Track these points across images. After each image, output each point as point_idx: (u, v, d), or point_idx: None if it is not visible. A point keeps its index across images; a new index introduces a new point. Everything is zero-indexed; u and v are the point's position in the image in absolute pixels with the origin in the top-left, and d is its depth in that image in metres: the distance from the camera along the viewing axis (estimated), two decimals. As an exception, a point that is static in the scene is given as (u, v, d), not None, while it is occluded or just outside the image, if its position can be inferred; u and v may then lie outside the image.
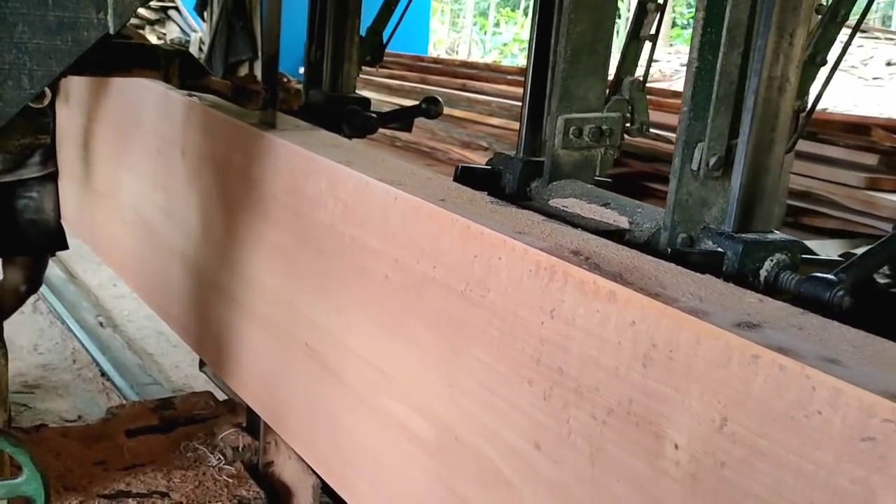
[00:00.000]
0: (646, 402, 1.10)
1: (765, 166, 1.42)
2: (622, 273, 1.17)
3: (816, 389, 0.92)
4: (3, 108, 1.30)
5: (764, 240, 1.41)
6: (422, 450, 1.50)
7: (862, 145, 5.18)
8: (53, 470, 2.08)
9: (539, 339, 1.24)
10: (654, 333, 1.08)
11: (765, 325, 1.03)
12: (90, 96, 2.93)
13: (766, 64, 1.36)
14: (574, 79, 1.70)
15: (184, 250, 2.31)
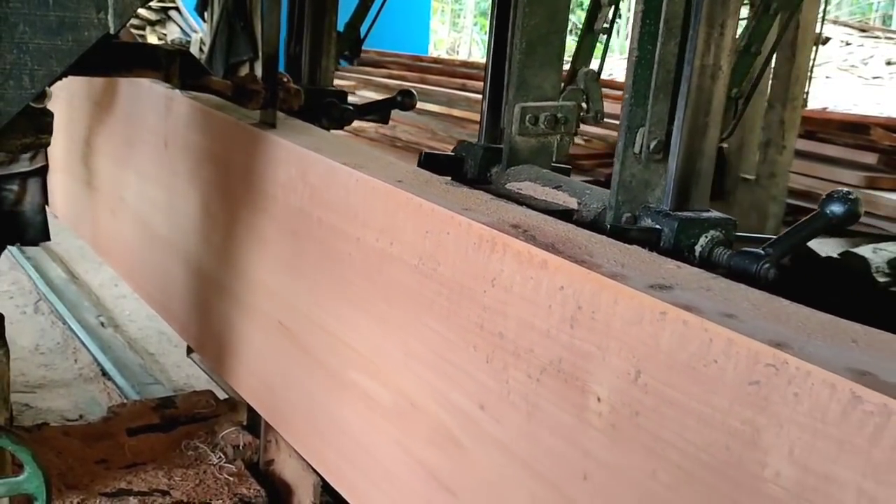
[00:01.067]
0: (573, 360, 1.20)
1: (700, 149, 1.52)
2: (555, 244, 1.27)
3: (713, 341, 1.02)
4: (5, 107, 1.31)
5: (699, 217, 1.51)
6: (382, 416, 1.60)
7: (861, 144, 5.20)
8: (55, 468, 2.09)
9: (482, 306, 1.34)
10: (579, 296, 1.18)
11: (676, 287, 1.13)
12: (92, 96, 2.97)
13: (698, 53, 1.46)
14: (530, 69, 1.80)
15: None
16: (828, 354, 0.95)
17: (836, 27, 14.98)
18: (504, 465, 1.32)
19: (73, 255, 5.46)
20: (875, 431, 0.87)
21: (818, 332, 1.02)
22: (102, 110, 2.91)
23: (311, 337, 1.83)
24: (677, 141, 1.50)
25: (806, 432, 0.93)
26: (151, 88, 2.49)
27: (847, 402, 0.89)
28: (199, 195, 2.26)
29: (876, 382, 0.89)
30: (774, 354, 0.96)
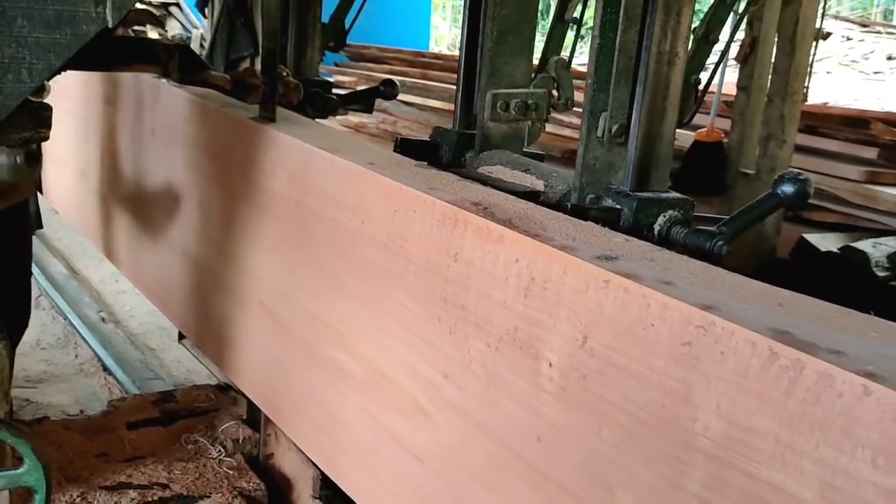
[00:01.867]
0: (527, 329, 1.27)
1: (658, 133, 1.59)
2: (512, 219, 1.34)
3: (650, 306, 1.09)
4: (4, 101, 1.31)
5: (658, 198, 1.58)
6: (353, 388, 1.67)
7: (862, 139, 5.20)
8: (55, 462, 2.09)
9: (446, 280, 1.41)
10: (532, 268, 1.25)
11: (621, 258, 1.20)
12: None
13: (655, 40, 1.53)
14: (501, 57, 1.87)
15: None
16: (753, 316, 1.02)
17: (836, 22, 14.96)
18: (465, 430, 1.39)
19: (73, 251, 5.48)
20: (789, 384, 0.94)
21: (748, 297, 1.08)
22: (101, 104, 2.95)
23: (293, 317, 1.89)
24: (636, 125, 1.57)
25: (731, 388, 1.00)
26: (151, 83, 2.50)
27: (766, 359, 0.96)
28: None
29: (792, 340, 0.96)
30: (703, 317, 1.03)
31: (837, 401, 0.90)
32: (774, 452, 0.96)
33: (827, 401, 0.91)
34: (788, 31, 4.32)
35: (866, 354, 0.93)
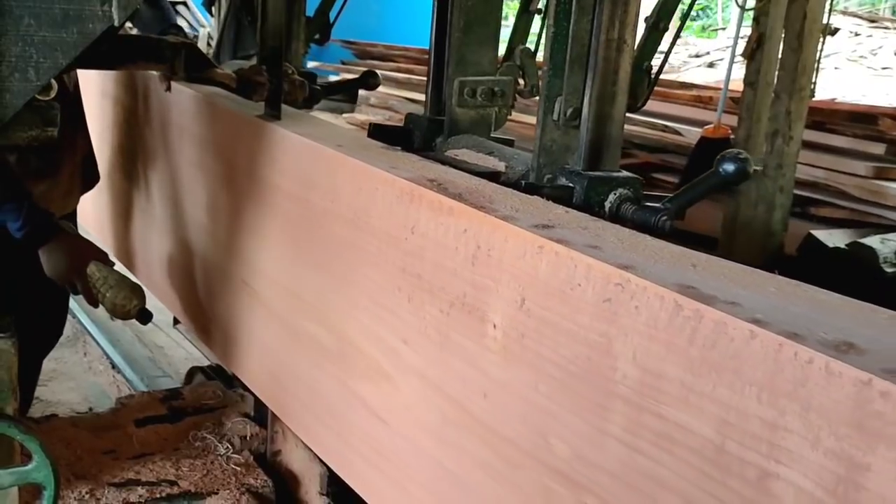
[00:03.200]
0: (475, 294, 1.37)
1: (609, 115, 1.68)
2: (462, 193, 1.44)
3: (577, 267, 1.19)
4: (11, 100, 1.31)
5: (608, 177, 1.68)
6: (326, 358, 1.78)
7: (869, 135, 5.11)
8: (63, 459, 2.09)
9: (404, 252, 1.52)
10: (478, 237, 1.36)
11: (557, 227, 1.31)
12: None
13: (603, 28, 1.63)
14: (468, 46, 1.97)
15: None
16: (665, 274, 1.12)
17: (844, 18, 14.89)
18: (421, 390, 1.50)
19: None
20: (691, 333, 1.04)
21: (665, 258, 1.19)
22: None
23: (269, 292, 2.00)
24: (588, 108, 1.67)
25: (644, 338, 1.10)
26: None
27: (672, 311, 1.06)
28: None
29: (696, 294, 1.06)
30: (621, 275, 1.13)
31: (729, 345, 1.00)
32: (680, 395, 1.06)
33: (721, 346, 1.01)
34: (796, 27, 4.24)
35: (758, 305, 1.03)
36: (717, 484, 1.02)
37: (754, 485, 0.98)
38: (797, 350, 0.93)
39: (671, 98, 6.23)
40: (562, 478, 1.23)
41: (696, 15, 19.50)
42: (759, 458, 0.97)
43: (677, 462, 1.07)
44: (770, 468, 0.96)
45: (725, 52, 11.04)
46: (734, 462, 1.00)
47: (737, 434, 1.00)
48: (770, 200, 4.36)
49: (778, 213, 4.39)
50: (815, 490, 0.92)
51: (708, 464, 1.03)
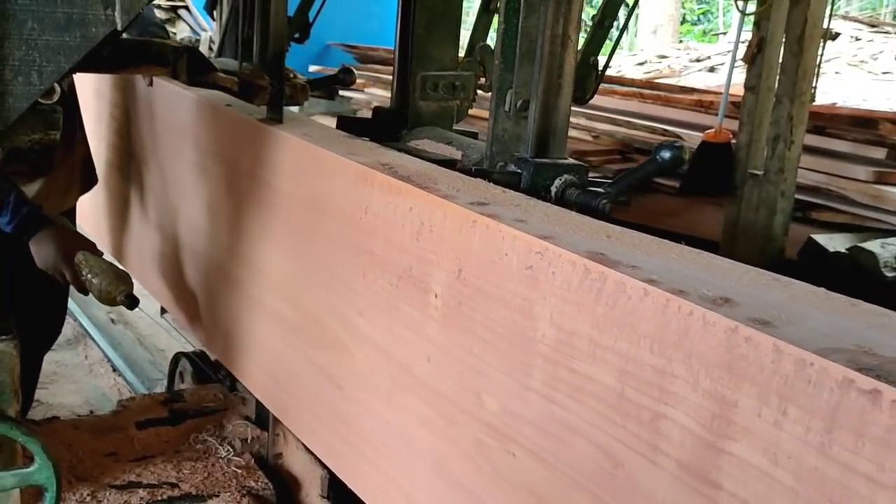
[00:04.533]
0: (419, 267, 1.50)
1: (555, 106, 1.81)
2: (410, 176, 1.57)
3: (504, 239, 1.31)
4: (14, 103, 1.31)
5: (554, 163, 1.81)
6: (291, 331, 1.90)
7: (870, 139, 5.11)
8: (65, 461, 2.09)
9: (359, 230, 1.64)
10: (422, 214, 1.48)
11: (491, 204, 1.43)
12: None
13: (548, 24, 1.75)
14: (430, 43, 2.10)
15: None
16: (579, 243, 1.24)
17: (845, 22, 14.89)
18: (374, 357, 1.62)
19: None
20: (597, 294, 1.16)
21: (583, 230, 1.31)
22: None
23: (249, 278, 2.10)
24: (535, 99, 1.80)
25: (559, 300, 1.22)
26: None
27: (582, 274, 1.19)
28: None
29: (603, 259, 1.18)
30: (541, 244, 1.25)
31: (627, 303, 1.12)
32: (588, 349, 1.18)
33: (621, 304, 1.13)
34: (796, 31, 4.26)
35: (655, 268, 1.15)
36: (618, 427, 1.14)
37: (648, 426, 1.10)
38: (681, 304, 1.06)
39: (672, 102, 6.27)
40: (492, 431, 1.35)
41: (696, 19, 19.53)
42: (652, 401, 1.10)
43: (586, 410, 1.19)
44: (660, 410, 1.09)
45: (726, 57, 11.06)
46: (632, 407, 1.12)
47: (634, 381, 1.12)
48: (771, 205, 4.40)
49: (779, 217, 4.43)
50: (695, 427, 1.04)
51: (611, 409, 1.15)
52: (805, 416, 0.93)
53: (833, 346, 0.94)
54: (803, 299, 1.10)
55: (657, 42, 15.62)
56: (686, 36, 17.91)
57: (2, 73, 1.30)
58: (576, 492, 1.21)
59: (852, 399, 0.89)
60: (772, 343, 0.96)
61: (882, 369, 0.89)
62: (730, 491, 1.01)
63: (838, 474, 0.90)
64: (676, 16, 16.55)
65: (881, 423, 0.86)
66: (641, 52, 15.05)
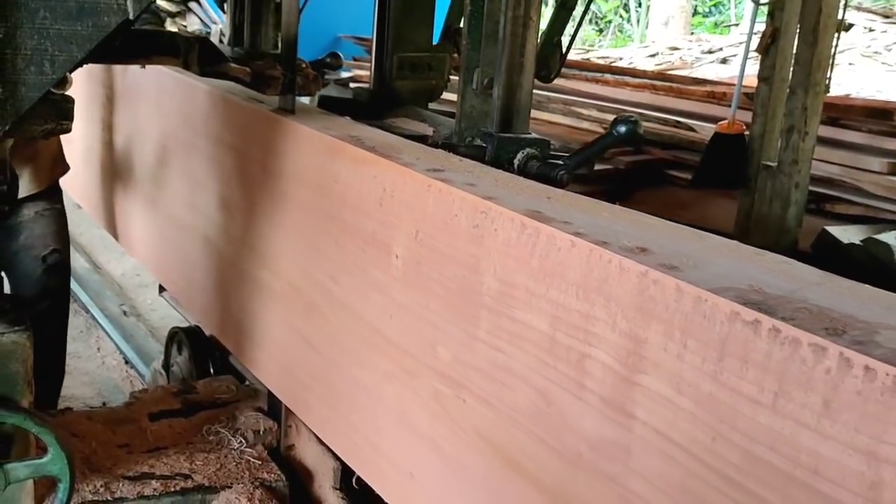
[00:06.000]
0: (383, 231, 1.61)
1: (518, 84, 1.92)
2: (375, 147, 1.68)
3: (454, 201, 1.42)
4: (27, 93, 1.31)
5: (517, 137, 1.92)
6: (273, 300, 2.02)
7: (885, 131, 5.08)
8: (78, 452, 2.09)
9: (331, 199, 1.76)
10: (384, 181, 1.59)
11: (447, 171, 1.54)
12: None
13: (510, 6, 1.86)
14: (405, 26, 2.21)
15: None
16: (521, 203, 1.35)
17: (859, 14, 14.77)
18: (345, 319, 1.74)
19: (95, 246, 5.55)
20: (532, 247, 1.27)
21: (525, 192, 1.43)
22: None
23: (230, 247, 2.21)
24: (499, 78, 1.90)
25: (501, 255, 1.33)
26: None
27: (519, 230, 1.30)
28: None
29: (539, 216, 1.29)
30: (485, 204, 1.36)
31: (557, 254, 1.23)
32: (525, 299, 1.29)
33: (552, 255, 1.24)
34: (811, 22, 4.18)
35: (585, 224, 1.26)
36: (550, 368, 1.26)
37: (575, 365, 1.21)
38: (602, 253, 1.17)
39: (684, 94, 6.25)
40: (446, 379, 1.47)
41: (708, 11, 19.47)
42: (578, 343, 1.21)
43: (524, 355, 1.30)
44: (585, 350, 1.20)
45: (738, 49, 10.99)
46: (562, 349, 1.23)
47: (563, 326, 1.23)
48: (785, 196, 4.35)
49: (793, 209, 4.39)
50: (613, 364, 1.15)
51: (545, 353, 1.26)
52: (701, 347, 1.04)
53: (728, 285, 1.05)
54: (714, 250, 1.21)
55: (669, 34, 15.63)
56: (698, 28, 17.80)
57: (14, 62, 1.31)
58: (517, 430, 1.32)
59: (738, 329, 0.99)
60: (674, 284, 1.07)
61: (765, 304, 1.00)
62: (642, 420, 1.12)
63: (728, 397, 1.01)
64: (688, 7, 16.53)
65: (761, 350, 0.97)
66: (653, 44, 15.07)
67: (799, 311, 0.99)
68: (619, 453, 1.16)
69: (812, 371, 0.92)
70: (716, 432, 1.03)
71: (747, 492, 1.00)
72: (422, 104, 2.25)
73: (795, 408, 0.94)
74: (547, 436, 1.27)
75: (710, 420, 1.03)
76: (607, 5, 19.19)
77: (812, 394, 0.92)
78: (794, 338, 0.94)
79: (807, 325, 0.95)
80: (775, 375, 0.96)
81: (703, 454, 1.05)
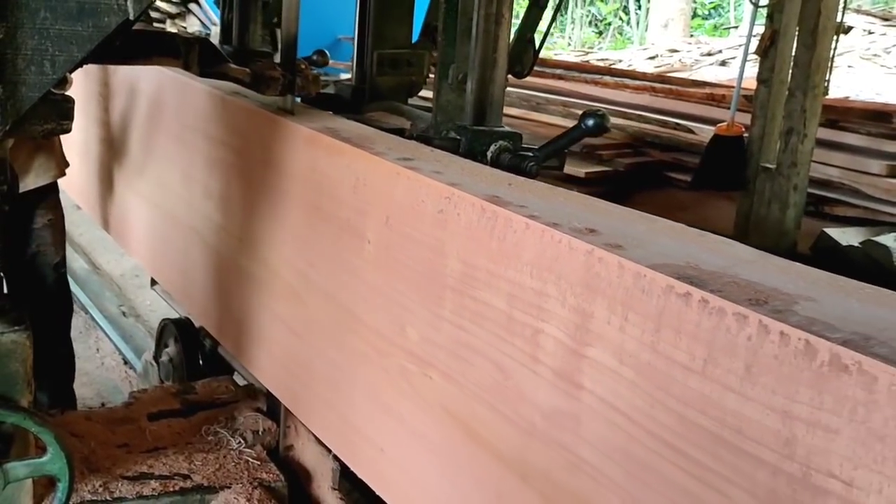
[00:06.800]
0: (356, 217, 1.68)
1: (491, 79, 1.99)
2: (351, 138, 1.75)
3: (421, 187, 1.50)
4: (27, 92, 1.31)
5: (490, 130, 1.99)
6: (257, 287, 2.09)
7: (884, 133, 5.11)
8: (77, 452, 2.07)
9: (308, 187, 1.83)
10: (357, 170, 1.67)
11: (416, 160, 1.61)
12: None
13: (483, 3, 1.93)
14: (385, 23, 2.28)
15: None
16: (482, 189, 1.43)
17: (858, 16, 14.78)
18: (321, 303, 1.81)
19: (95, 246, 5.54)
20: (491, 230, 1.35)
21: (487, 179, 1.50)
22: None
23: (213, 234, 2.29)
24: (472, 73, 1.98)
25: (463, 238, 1.41)
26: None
27: (480, 213, 1.37)
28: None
29: (497, 201, 1.37)
30: (450, 190, 1.44)
31: (513, 236, 1.31)
32: (485, 279, 1.37)
33: (509, 237, 1.32)
34: (810, 24, 4.23)
35: (540, 207, 1.34)
36: (508, 344, 1.33)
37: (529, 340, 1.29)
38: (553, 234, 1.24)
39: (684, 96, 6.29)
40: (414, 358, 1.54)
41: (707, 14, 19.52)
42: (532, 319, 1.28)
43: (485, 332, 1.38)
44: (538, 326, 1.27)
45: (737, 51, 10.96)
46: (517, 325, 1.31)
47: (519, 304, 1.30)
48: (784, 198, 4.37)
49: (791, 211, 4.42)
50: (563, 337, 1.23)
51: (503, 330, 1.34)
52: (640, 319, 1.11)
53: (666, 262, 1.13)
54: (659, 231, 1.28)
55: (668, 36, 15.71)
56: (697, 30, 17.84)
57: (14, 62, 1.31)
58: (476, 403, 1.40)
59: (672, 302, 1.07)
60: (617, 261, 1.14)
61: (697, 278, 1.07)
62: (590, 390, 1.20)
63: (664, 366, 1.09)
64: (687, 10, 16.59)
65: (692, 320, 1.05)
66: (652, 47, 15.14)
67: (728, 284, 1.06)
68: (570, 422, 1.23)
69: (736, 338, 1.00)
70: (654, 399, 1.10)
71: (682, 453, 1.07)
72: (401, 99, 2.33)
73: (722, 373, 1.02)
74: (504, 408, 1.35)
75: (648, 388, 1.11)
76: (607, 8, 19.30)
77: (736, 359, 1.00)
78: (720, 308, 1.01)
79: (733, 296, 1.02)
80: (704, 343, 1.03)
81: (642, 420, 1.12)
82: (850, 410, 0.89)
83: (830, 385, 0.91)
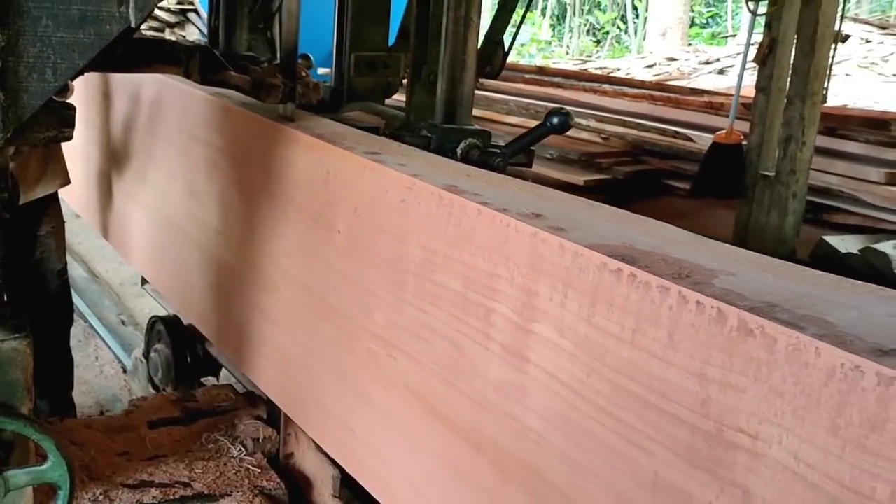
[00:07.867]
0: (327, 210, 1.77)
1: (460, 79, 2.08)
2: (325, 135, 1.84)
3: (387, 180, 1.59)
4: (29, 100, 1.32)
5: (460, 128, 2.08)
6: (239, 281, 2.18)
7: (882, 141, 5.14)
8: (78, 460, 2.10)
9: (287, 183, 1.92)
10: (328, 163, 1.76)
11: (383, 153, 1.70)
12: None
13: (451, 6, 2.02)
14: (362, 26, 2.38)
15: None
16: (441, 179, 1.52)
17: (855, 24, 14.85)
18: (296, 292, 1.90)
19: (94, 255, 5.58)
20: (448, 216, 1.44)
21: (447, 172, 1.59)
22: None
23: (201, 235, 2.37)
24: (442, 73, 2.07)
25: (424, 225, 1.50)
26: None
27: (438, 201, 1.46)
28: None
29: (455, 190, 1.46)
30: (411, 181, 1.53)
31: (467, 221, 1.40)
32: (443, 263, 1.45)
33: (463, 223, 1.40)
34: (808, 32, 4.26)
35: (493, 196, 1.43)
36: (463, 323, 1.42)
37: (482, 319, 1.38)
38: (502, 218, 1.33)
39: (682, 104, 6.39)
40: (380, 340, 1.63)
41: (705, 22, 19.63)
42: (484, 299, 1.37)
43: (442, 313, 1.46)
44: (490, 305, 1.36)
45: (735, 59, 10.96)
46: (472, 305, 1.40)
47: (473, 285, 1.39)
48: (783, 206, 4.41)
49: (790, 218, 4.45)
50: (511, 315, 1.32)
51: (458, 310, 1.43)
52: (578, 295, 1.20)
53: (603, 243, 1.22)
54: (603, 217, 1.37)
55: (666, 45, 15.82)
56: (695, 39, 17.92)
57: (16, 70, 1.31)
58: (435, 380, 1.48)
59: (605, 278, 1.16)
60: (558, 242, 1.23)
61: (629, 256, 1.16)
62: (535, 363, 1.29)
63: (598, 337, 1.17)
64: (685, 19, 16.70)
65: (622, 294, 1.13)
66: (650, 55, 15.25)
67: (656, 261, 1.15)
68: (518, 393, 1.32)
69: (659, 309, 1.09)
70: (590, 368, 1.19)
71: (615, 418, 1.16)
72: (378, 100, 2.42)
73: (648, 341, 1.10)
74: (460, 383, 1.43)
75: (585, 358, 1.20)
76: (605, 16, 19.43)
77: (659, 328, 1.09)
78: (646, 281, 1.10)
79: (659, 271, 1.11)
80: (633, 315, 1.12)
81: (580, 388, 1.21)
82: (754, 370, 0.98)
83: (738, 348, 0.99)
